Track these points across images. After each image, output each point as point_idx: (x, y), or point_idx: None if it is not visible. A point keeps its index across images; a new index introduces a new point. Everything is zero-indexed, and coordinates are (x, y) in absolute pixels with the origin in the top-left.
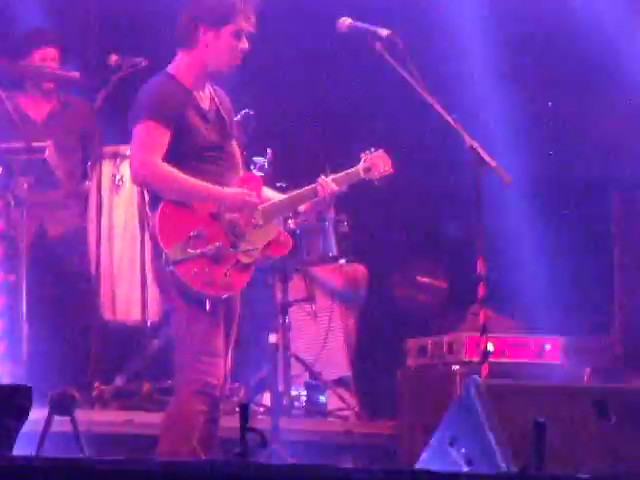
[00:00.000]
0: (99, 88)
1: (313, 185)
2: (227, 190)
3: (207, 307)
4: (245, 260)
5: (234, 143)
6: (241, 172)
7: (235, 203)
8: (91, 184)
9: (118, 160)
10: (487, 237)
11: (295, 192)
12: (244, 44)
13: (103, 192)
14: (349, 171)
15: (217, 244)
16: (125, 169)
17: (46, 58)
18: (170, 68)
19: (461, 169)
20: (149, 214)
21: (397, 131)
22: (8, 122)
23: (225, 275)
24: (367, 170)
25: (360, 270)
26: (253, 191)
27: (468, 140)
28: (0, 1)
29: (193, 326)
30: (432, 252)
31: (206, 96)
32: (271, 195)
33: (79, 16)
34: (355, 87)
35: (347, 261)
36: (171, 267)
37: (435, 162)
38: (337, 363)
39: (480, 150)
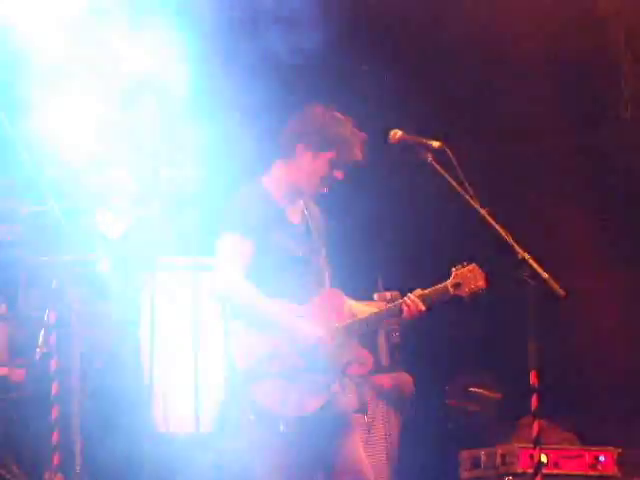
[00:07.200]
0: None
1: (397, 302)
2: (303, 330)
3: (281, 428)
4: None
5: (322, 257)
6: (326, 284)
7: (306, 344)
8: (145, 295)
9: (173, 272)
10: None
11: (376, 310)
12: (338, 174)
13: (157, 303)
14: (438, 287)
15: (291, 364)
16: (180, 280)
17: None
18: (264, 179)
19: (512, 280)
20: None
21: (446, 242)
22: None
23: (301, 395)
24: (456, 286)
25: (406, 378)
26: (334, 308)
27: (520, 252)
28: None
29: (264, 447)
30: (485, 363)
31: (297, 209)
32: (355, 308)
33: None
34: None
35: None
36: (246, 386)
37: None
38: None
39: (532, 262)
